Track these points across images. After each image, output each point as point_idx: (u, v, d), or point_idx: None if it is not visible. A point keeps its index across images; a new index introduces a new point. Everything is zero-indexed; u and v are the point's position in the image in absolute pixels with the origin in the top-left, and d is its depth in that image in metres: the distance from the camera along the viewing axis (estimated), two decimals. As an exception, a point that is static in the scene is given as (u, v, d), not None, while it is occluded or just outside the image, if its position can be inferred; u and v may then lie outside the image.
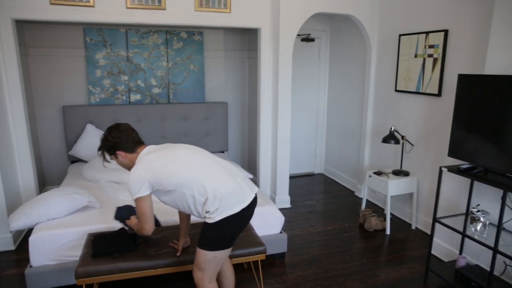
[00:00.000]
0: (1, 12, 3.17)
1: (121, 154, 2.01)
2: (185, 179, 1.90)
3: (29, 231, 3.30)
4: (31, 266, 2.55)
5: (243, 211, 1.95)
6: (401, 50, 3.82)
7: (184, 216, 2.29)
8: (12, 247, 3.24)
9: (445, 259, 3.16)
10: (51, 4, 3.28)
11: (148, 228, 1.97)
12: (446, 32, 3.26)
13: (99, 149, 2.05)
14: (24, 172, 3.50)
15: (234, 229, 1.98)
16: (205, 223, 1.95)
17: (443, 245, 3.20)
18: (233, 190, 1.93)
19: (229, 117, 4.99)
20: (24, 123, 3.43)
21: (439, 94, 3.37)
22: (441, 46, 3.32)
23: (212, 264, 1.98)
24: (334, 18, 5.11)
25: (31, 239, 2.53)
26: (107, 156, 2.06)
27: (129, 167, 2.03)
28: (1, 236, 3.20)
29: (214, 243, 1.95)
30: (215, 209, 1.88)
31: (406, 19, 3.76)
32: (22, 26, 3.95)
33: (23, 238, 3.41)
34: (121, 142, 1.99)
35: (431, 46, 3.44)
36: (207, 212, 1.91)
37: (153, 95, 4.53)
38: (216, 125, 4.71)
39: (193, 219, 2.80)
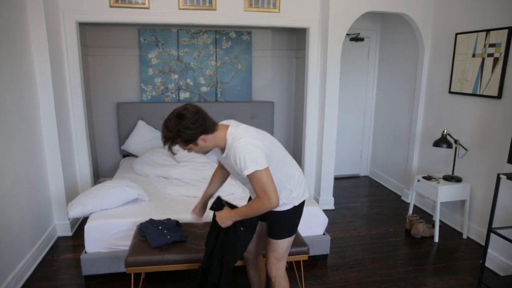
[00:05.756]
0: (67, 16, 3.42)
1: (204, 138, 1.76)
2: (282, 160, 1.93)
3: (84, 219, 3.54)
4: (86, 252, 2.71)
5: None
6: (457, 49, 3.62)
7: (219, 179, 2.17)
8: (69, 233, 3.49)
9: (501, 273, 2.96)
10: (111, 7, 3.48)
11: (276, 196, 1.75)
12: (510, 29, 3.05)
13: (173, 140, 1.74)
14: (81, 164, 3.75)
15: (301, 213, 2.06)
16: (278, 214, 1.95)
17: (499, 258, 3.01)
18: (303, 178, 2.06)
19: (275, 117, 5.01)
20: (83, 118, 3.68)
21: (499, 96, 3.17)
22: (503, 45, 3.11)
23: (288, 248, 2.07)
24: (385, 17, 4.95)
25: (86, 227, 2.70)
26: (183, 146, 1.80)
27: (210, 148, 1.85)
28: (61, 222, 3.45)
29: (291, 228, 2.03)
30: (296, 195, 1.96)
31: (464, 17, 3.56)
32: (84, 28, 4.22)
33: (79, 225, 3.65)
34: (202, 125, 1.75)
35: (492, 45, 3.23)
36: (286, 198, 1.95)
37: (201, 93, 4.65)
38: (262, 124, 4.73)
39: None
